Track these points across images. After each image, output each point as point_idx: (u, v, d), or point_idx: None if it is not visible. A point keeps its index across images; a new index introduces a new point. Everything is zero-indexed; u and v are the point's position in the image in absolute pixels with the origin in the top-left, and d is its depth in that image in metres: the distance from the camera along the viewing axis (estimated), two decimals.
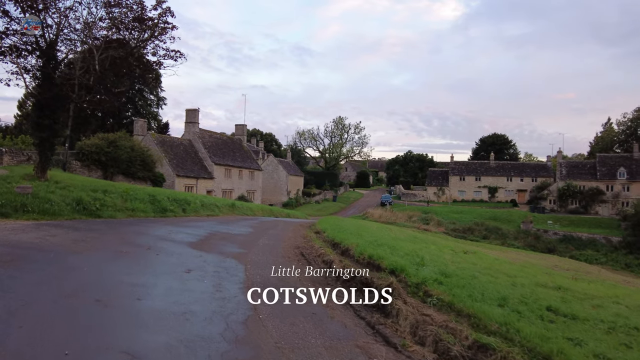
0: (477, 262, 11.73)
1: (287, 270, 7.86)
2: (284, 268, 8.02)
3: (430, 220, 54.22)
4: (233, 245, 9.73)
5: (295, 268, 8.21)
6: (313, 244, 10.56)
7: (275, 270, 7.82)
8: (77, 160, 30.50)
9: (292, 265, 8.44)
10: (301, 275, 7.79)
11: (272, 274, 7.55)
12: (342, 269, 7.70)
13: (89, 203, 12.02)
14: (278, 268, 7.95)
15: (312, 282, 7.42)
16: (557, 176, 70.54)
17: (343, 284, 7.27)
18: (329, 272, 8.01)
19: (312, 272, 7.95)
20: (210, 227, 12.47)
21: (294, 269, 8.04)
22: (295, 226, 15.77)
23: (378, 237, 12.02)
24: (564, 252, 45.89)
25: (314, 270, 8.21)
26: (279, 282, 7.06)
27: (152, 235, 9.69)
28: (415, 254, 9.15)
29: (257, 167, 56.46)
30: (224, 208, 19.29)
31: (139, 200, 14.26)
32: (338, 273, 7.72)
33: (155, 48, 15.85)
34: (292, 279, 7.43)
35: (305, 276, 7.75)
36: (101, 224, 10.77)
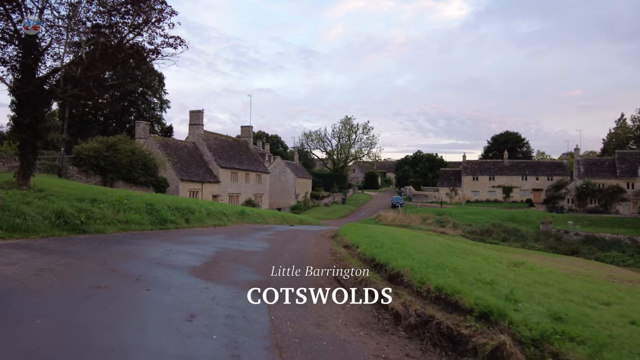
0: (549, 282, 9.54)
1: (325, 310, 5.73)
2: (319, 305, 5.89)
3: (446, 223, 51.93)
4: (248, 270, 7.59)
5: (333, 303, 6.08)
6: (347, 263, 8.42)
7: (308, 307, 5.70)
8: (74, 165, 28.55)
9: (329, 299, 6.30)
10: (345, 315, 5.65)
11: (305, 315, 5.43)
12: (401, 306, 5.56)
13: (72, 216, 9.96)
14: (312, 306, 5.82)
15: (361, 326, 5.29)
16: (575, 174, 67.91)
17: (409, 331, 5.13)
18: (382, 310, 5.88)
19: (360, 314, 5.80)
20: (218, 243, 10.35)
21: (333, 308, 5.89)
22: (316, 237, 13.63)
23: (421, 251, 9.87)
24: (588, 254, 43.57)
25: (359, 307, 6.06)
26: (318, 330, 4.94)
27: (145, 259, 7.59)
28: (488, 279, 6.99)
29: (264, 169, 54.41)
30: (232, 216, 17.18)
31: (134, 210, 12.17)
32: (394, 311, 5.59)
33: (151, 35, 13.83)
34: (333, 322, 5.31)
35: (351, 316, 5.61)
36: (83, 242, 8.68)
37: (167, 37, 13.71)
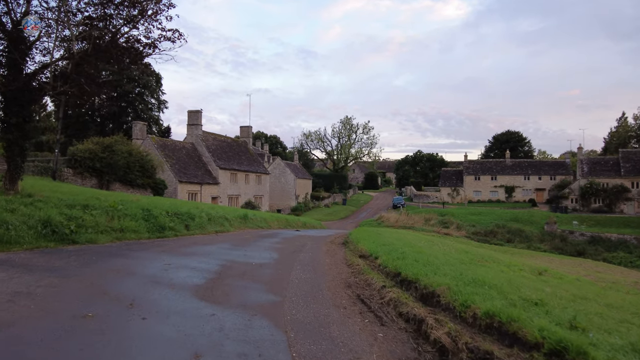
0: (588, 295, 8.66)
1: (354, 341, 4.81)
2: (346, 335, 4.98)
3: (449, 224, 51.06)
4: (258, 287, 6.65)
5: (362, 332, 5.16)
6: (368, 277, 7.50)
7: (335, 339, 4.78)
8: (69, 167, 27.54)
9: (354, 325, 5.38)
10: (379, 348, 4.74)
11: (333, 349, 4.51)
12: (447, 338, 4.65)
13: (61, 224, 9.00)
14: (339, 336, 4.90)
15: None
16: (578, 174, 67.13)
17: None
18: (421, 340, 4.96)
19: (396, 347, 4.88)
20: (222, 254, 9.38)
21: (363, 339, 4.97)
22: (326, 245, 12.69)
23: (446, 261, 8.97)
24: (594, 255, 42.89)
25: (393, 337, 5.14)
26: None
27: (141, 276, 6.65)
28: (534, 297, 6.10)
29: (264, 170, 53.45)
30: (235, 221, 16.20)
31: (129, 216, 11.20)
32: (439, 344, 4.68)
33: (148, 28, 12.87)
34: (367, 358, 4.40)
35: (386, 349, 4.70)
36: (71, 255, 7.73)
37: (164, 30, 12.76)
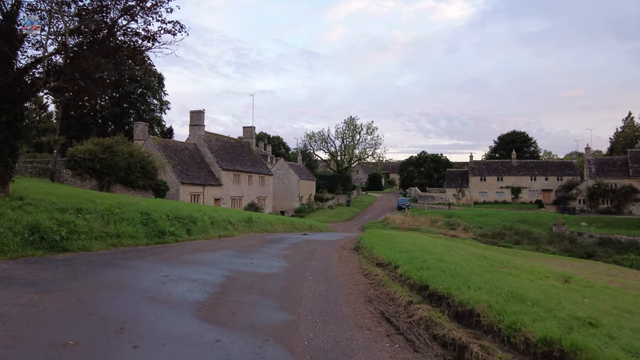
0: (629, 307, 7.85)
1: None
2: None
3: (456, 225, 50.17)
4: (269, 304, 5.85)
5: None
6: (390, 290, 6.70)
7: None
8: (68, 168, 26.81)
9: (383, 352, 4.58)
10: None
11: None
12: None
13: (51, 230, 8.23)
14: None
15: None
16: (586, 174, 66.08)
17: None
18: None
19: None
20: (226, 263, 8.54)
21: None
22: (337, 251, 11.86)
23: (473, 270, 8.17)
24: (604, 257, 41.93)
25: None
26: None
27: (135, 290, 5.87)
28: (584, 315, 5.30)
29: (268, 171, 52.69)
30: (239, 225, 15.37)
31: (126, 221, 10.41)
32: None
33: (147, 21, 12.11)
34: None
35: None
36: (59, 265, 6.96)
37: (164, 23, 12.00)
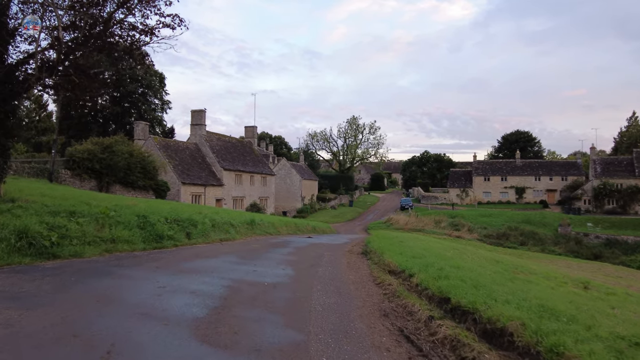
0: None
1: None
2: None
3: (460, 226, 49.53)
4: (275, 320, 5.26)
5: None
6: (407, 303, 6.12)
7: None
8: (67, 169, 26.30)
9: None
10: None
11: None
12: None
13: (40, 235, 7.67)
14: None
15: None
16: (591, 174, 65.38)
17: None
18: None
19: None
20: (227, 270, 7.89)
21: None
22: (345, 255, 11.25)
23: (493, 279, 7.59)
24: (611, 258, 41.32)
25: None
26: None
27: (127, 305, 5.29)
28: (627, 334, 4.72)
29: (270, 171, 52.14)
30: (241, 227, 14.77)
31: (122, 224, 9.84)
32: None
33: (145, 14, 11.55)
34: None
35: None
36: (47, 275, 6.39)
37: (163, 16, 11.44)
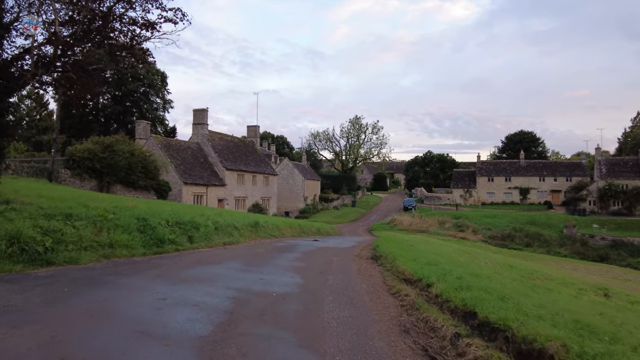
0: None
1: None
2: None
3: (465, 227, 48.97)
4: (286, 338, 4.76)
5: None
6: (428, 317, 5.63)
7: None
8: (67, 168, 25.88)
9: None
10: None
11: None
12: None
13: (33, 240, 7.20)
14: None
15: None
16: (596, 175, 64.74)
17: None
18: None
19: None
20: (233, 278, 7.33)
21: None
22: (354, 260, 10.76)
23: (517, 288, 7.10)
24: (618, 260, 40.78)
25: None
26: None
27: (123, 320, 4.79)
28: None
29: (272, 171, 51.68)
30: (244, 230, 14.30)
31: (121, 228, 9.35)
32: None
33: (145, 7, 11.09)
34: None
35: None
36: (38, 285, 5.91)
37: (165, 10, 10.97)
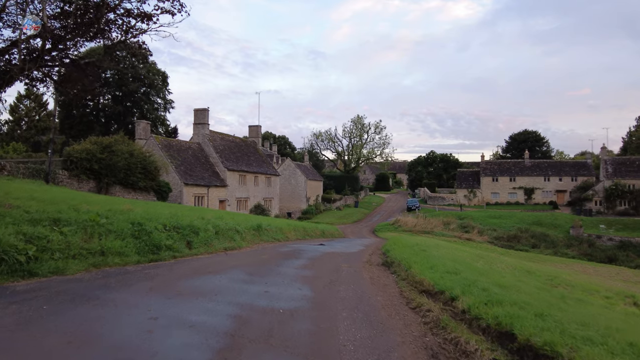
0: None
1: None
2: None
3: (470, 228, 48.23)
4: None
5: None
6: (457, 338, 4.92)
7: None
8: (64, 169, 25.23)
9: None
10: None
11: None
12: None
13: (15, 249, 6.53)
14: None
15: None
16: (602, 175, 63.88)
17: None
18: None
19: None
20: (234, 291, 6.47)
21: None
22: (364, 267, 10.04)
23: (549, 301, 6.39)
24: (626, 262, 40.04)
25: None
26: None
27: (106, 348, 4.08)
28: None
29: (274, 172, 51.00)
30: (247, 234, 13.58)
31: (114, 233, 8.64)
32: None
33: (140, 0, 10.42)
34: None
35: None
36: (13, 303, 5.18)
37: (162, 0, 10.30)
